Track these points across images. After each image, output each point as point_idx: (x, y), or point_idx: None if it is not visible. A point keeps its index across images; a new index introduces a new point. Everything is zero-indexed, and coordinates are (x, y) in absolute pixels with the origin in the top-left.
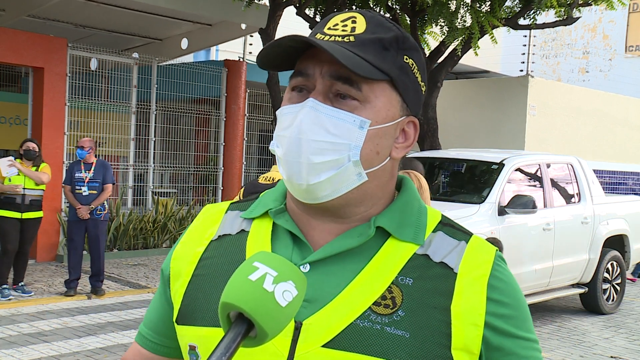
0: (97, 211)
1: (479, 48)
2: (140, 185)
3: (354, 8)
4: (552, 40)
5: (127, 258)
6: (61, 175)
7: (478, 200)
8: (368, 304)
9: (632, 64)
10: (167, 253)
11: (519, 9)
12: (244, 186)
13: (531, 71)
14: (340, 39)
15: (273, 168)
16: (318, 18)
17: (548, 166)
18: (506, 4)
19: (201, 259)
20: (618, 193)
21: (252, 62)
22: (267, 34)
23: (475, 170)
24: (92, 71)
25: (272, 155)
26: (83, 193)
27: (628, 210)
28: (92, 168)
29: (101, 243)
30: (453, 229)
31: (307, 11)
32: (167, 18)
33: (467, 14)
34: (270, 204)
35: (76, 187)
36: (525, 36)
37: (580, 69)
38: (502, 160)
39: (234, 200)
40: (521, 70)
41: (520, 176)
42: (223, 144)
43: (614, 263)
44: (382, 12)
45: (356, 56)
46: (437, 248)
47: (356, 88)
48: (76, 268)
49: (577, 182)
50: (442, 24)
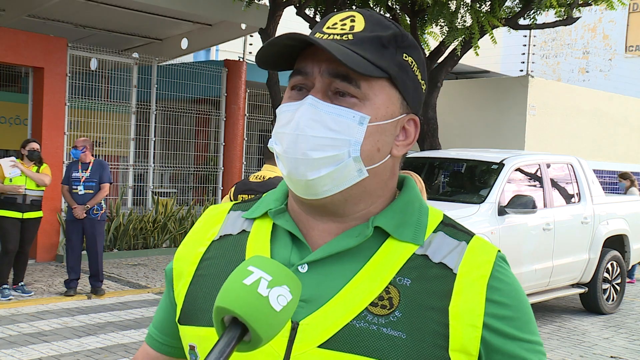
0: (94, 211)
1: (479, 48)
2: (140, 185)
3: (354, 8)
4: (552, 40)
5: (127, 258)
6: (61, 175)
7: (478, 200)
8: (365, 305)
9: (632, 64)
10: (167, 253)
11: (519, 9)
12: (235, 185)
13: (531, 71)
14: (338, 38)
15: (264, 167)
16: (318, 18)
17: (548, 166)
18: (506, 4)
19: (202, 260)
20: (618, 193)
21: (252, 62)
22: (267, 34)
23: (475, 170)
24: (92, 71)
25: (271, 155)
26: (79, 192)
27: (628, 210)
28: (89, 167)
29: (98, 243)
30: (454, 229)
31: (307, 11)
32: (167, 18)
33: (467, 14)
34: (270, 204)
35: (73, 187)
36: (525, 36)
37: (580, 69)
38: (502, 160)
39: (225, 198)
40: (521, 70)
41: (520, 176)
42: (223, 144)
43: (614, 263)
44: (382, 12)
45: (354, 54)
46: (437, 248)
47: (355, 85)
48: (75, 268)
49: (577, 182)
50: (442, 24)
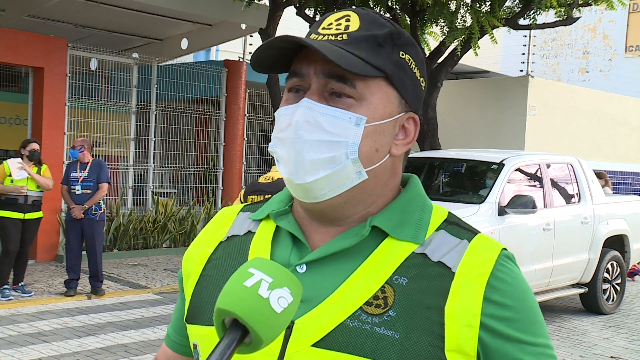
0: (92, 211)
1: (479, 48)
2: (140, 185)
3: (353, 8)
4: (552, 40)
5: (127, 258)
6: (61, 175)
7: (478, 200)
8: (359, 304)
9: (632, 64)
10: (167, 253)
11: (519, 9)
12: (245, 187)
13: (531, 71)
14: (333, 38)
15: (273, 168)
16: (318, 18)
17: (548, 166)
18: (506, 4)
19: (209, 260)
20: (618, 193)
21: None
22: (267, 34)
23: (475, 170)
24: (92, 71)
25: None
26: (76, 192)
27: (628, 210)
28: (87, 167)
29: (97, 243)
30: (457, 228)
31: (307, 11)
32: (167, 18)
33: (467, 14)
34: (274, 206)
35: (71, 187)
36: (525, 36)
37: (580, 69)
38: (502, 160)
39: (236, 201)
40: (521, 70)
41: (520, 176)
42: (223, 144)
43: (614, 263)
44: (382, 12)
45: (349, 54)
46: (437, 247)
47: (350, 86)
48: (75, 268)
49: (577, 182)
50: (442, 24)
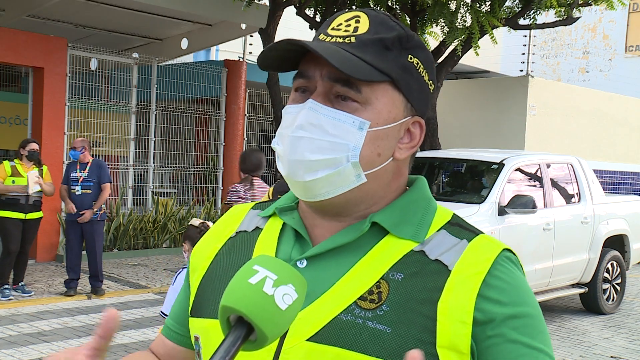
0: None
1: (479, 48)
2: (140, 185)
3: (354, 8)
4: (552, 40)
5: (127, 258)
6: (61, 175)
7: (478, 200)
8: (354, 298)
9: (632, 64)
10: (167, 253)
11: (519, 9)
12: (274, 185)
13: (531, 71)
14: (341, 40)
15: None
16: (318, 18)
17: (548, 166)
18: (506, 4)
19: (217, 255)
20: (619, 193)
21: (252, 62)
22: (267, 34)
23: (475, 170)
24: (92, 71)
25: (273, 155)
26: (76, 193)
27: (628, 210)
28: (87, 168)
29: (97, 243)
30: (459, 228)
31: (307, 11)
32: (167, 18)
33: (467, 14)
34: (280, 202)
35: (71, 187)
36: (525, 36)
37: (580, 69)
38: (502, 160)
39: (263, 199)
40: (521, 70)
41: (520, 176)
42: (223, 144)
43: (614, 263)
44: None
45: (355, 57)
46: (435, 245)
47: (355, 90)
48: (75, 268)
49: (577, 182)
50: (442, 24)
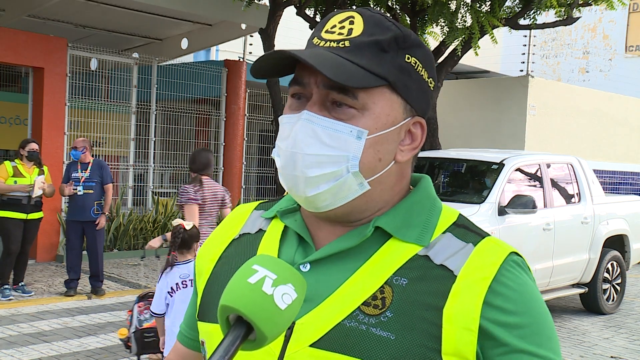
0: (94, 211)
1: (479, 48)
2: (140, 185)
3: (354, 8)
4: (552, 40)
5: (127, 258)
6: (61, 175)
7: (478, 200)
8: (357, 304)
9: (632, 64)
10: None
11: (519, 9)
12: None
13: (531, 71)
14: (335, 45)
15: None
16: (318, 18)
17: (548, 166)
18: (506, 4)
19: (221, 257)
20: (619, 193)
21: (252, 62)
22: (267, 34)
23: (475, 170)
24: (92, 71)
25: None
26: (78, 193)
27: (628, 210)
28: (89, 168)
29: (99, 243)
30: (465, 231)
31: (307, 11)
32: (167, 18)
33: (467, 14)
34: (282, 204)
35: (72, 187)
36: (525, 36)
37: (580, 69)
38: (502, 160)
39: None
40: (521, 70)
41: (520, 176)
42: (223, 144)
43: (614, 263)
44: (382, 13)
45: (349, 64)
46: (440, 250)
47: (352, 97)
48: (75, 268)
49: (577, 182)
50: (442, 24)
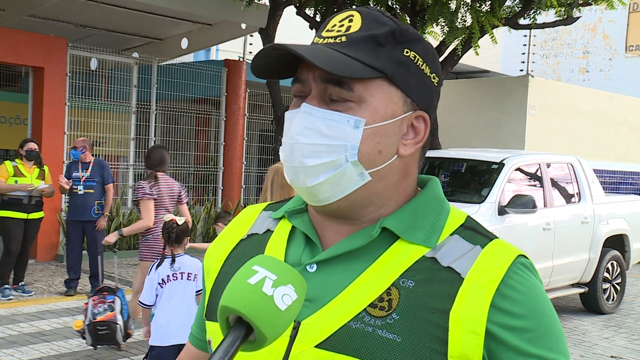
0: (95, 211)
1: (479, 48)
2: None
3: (354, 8)
4: (552, 40)
5: (127, 258)
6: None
7: (478, 200)
8: (364, 305)
9: (632, 64)
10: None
11: (519, 9)
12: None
13: (531, 71)
14: (332, 41)
15: None
16: (318, 18)
17: (548, 166)
18: (506, 4)
19: (228, 257)
20: (619, 193)
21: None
22: (267, 34)
23: (475, 170)
24: (92, 71)
25: (273, 155)
26: (79, 192)
27: (628, 210)
28: (89, 167)
29: (99, 243)
30: (473, 233)
31: (307, 11)
32: (167, 18)
33: (467, 14)
34: (290, 205)
35: (73, 187)
36: (525, 36)
37: (580, 69)
38: (502, 160)
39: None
40: (521, 70)
41: (520, 176)
42: (223, 144)
43: (614, 263)
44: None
45: (344, 57)
46: (448, 252)
47: (347, 89)
48: (75, 268)
49: (577, 182)
50: (443, 24)
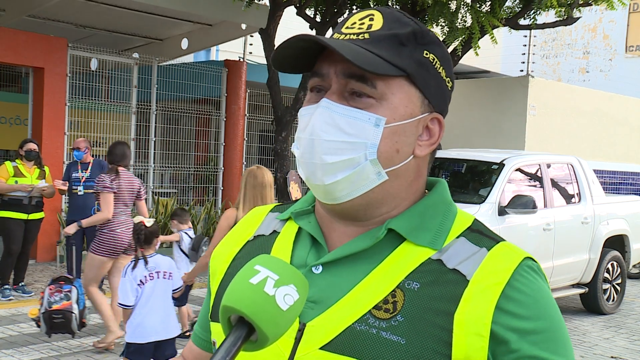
0: (95, 211)
1: (479, 48)
2: None
3: (355, 8)
4: (553, 40)
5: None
6: (61, 175)
7: (478, 200)
8: (369, 307)
9: (632, 64)
10: (167, 253)
11: (519, 9)
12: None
13: (531, 71)
14: (355, 37)
15: None
16: (318, 18)
17: (548, 166)
18: (506, 4)
19: (234, 259)
20: (619, 193)
21: (253, 62)
22: (267, 34)
23: (475, 170)
24: (92, 71)
25: (273, 155)
26: (79, 193)
27: (628, 210)
28: (89, 168)
29: None
30: (480, 235)
31: (308, 11)
32: (167, 18)
33: (468, 14)
34: (297, 206)
35: (73, 187)
36: (525, 36)
37: (580, 69)
38: (502, 160)
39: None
40: (521, 70)
41: (520, 176)
42: (223, 144)
43: (614, 263)
44: None
45: (369, 53)
46: (454, 254)
47: (370, 85)
48: (75, 268)
49: (577, 182)
50: (443, 24)
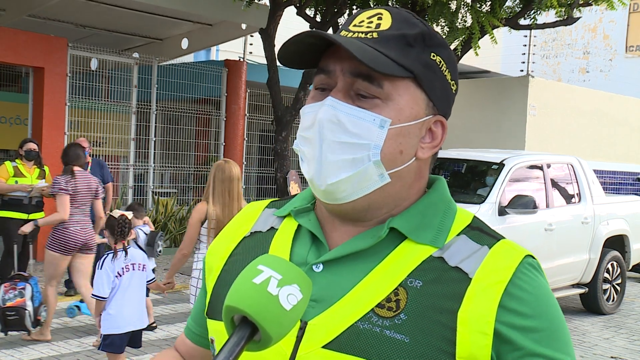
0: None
1: (479, 48)
2: (140, 185)
3: (355, 8)
4: (553, 40)
5: None
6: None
7: (478, 200)
8: (371, 306)
9: (633, 64)
10: (167, 253)
11: (520, 9)
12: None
13: (531, 71)
14: (363, 36)
15: None
16: (318, 18)
17: (548, 166)
18: (507, 4)
19: (231, 255)
20: (619, 193)
21: (253, 62)
22: (268, 34)
23: (475, 170)
24: (93, 71)
25: (273, 155)
26: None
27: (628, 210)
28: (88, 167)
29: (99, 243)
30: (480, 233)
31: (308, 11)
32: (168, 18)
33: (468, 14)
34: (296, 203)
35: None
36: (525, 36)
37: (580, 69)
38: (502, 160)
39: None
40: (521, 70)
41: (520, 176)
42: (223, 144)
43: (614, 263)
44: None
45: (377, 52)
46: (455, 252)
47: (377, 85)
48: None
49: (577, 182)
50: (443, 24)
